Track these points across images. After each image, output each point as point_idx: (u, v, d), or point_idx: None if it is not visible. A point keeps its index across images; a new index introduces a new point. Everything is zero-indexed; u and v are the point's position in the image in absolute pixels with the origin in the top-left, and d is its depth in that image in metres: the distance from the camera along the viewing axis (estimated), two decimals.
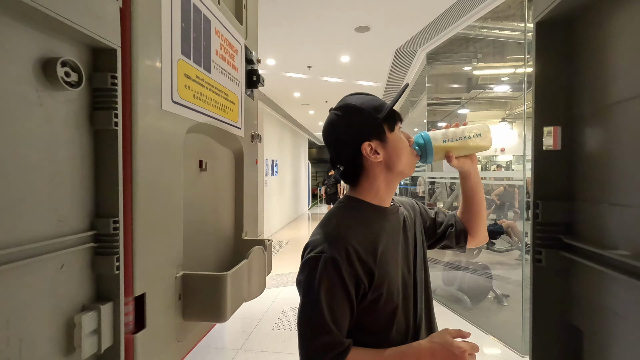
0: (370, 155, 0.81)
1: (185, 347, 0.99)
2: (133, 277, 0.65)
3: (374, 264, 0.76)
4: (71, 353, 0.45)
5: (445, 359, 0.72)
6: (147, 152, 0.76)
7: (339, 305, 0.73)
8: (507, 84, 5.00)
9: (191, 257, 1.08)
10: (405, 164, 0.86)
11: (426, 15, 3.53)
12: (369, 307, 0.76)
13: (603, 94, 0.69)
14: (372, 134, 0.81)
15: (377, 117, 0.81)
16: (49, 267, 0.44)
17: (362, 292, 0.74)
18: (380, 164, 0.83)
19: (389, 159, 0.83)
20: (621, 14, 0.64)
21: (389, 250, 0.81)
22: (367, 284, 0.75)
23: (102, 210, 0.53)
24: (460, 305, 3.68)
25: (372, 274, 0.75)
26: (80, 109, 0.51)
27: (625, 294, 0.62)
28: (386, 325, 0.78)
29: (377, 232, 0.81)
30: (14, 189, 0.37)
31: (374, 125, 0.82)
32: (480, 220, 1.00)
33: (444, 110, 6.18)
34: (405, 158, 0.85)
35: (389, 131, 0.83)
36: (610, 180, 0.67)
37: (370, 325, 0.77)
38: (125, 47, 0.59)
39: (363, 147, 0.80)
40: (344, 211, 0.83)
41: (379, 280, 0.76)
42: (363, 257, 0.74)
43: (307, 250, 0.75)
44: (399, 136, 0.85)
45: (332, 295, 0.71)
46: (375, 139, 0.81)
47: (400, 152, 0.84)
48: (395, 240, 0.84)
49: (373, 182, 0.84)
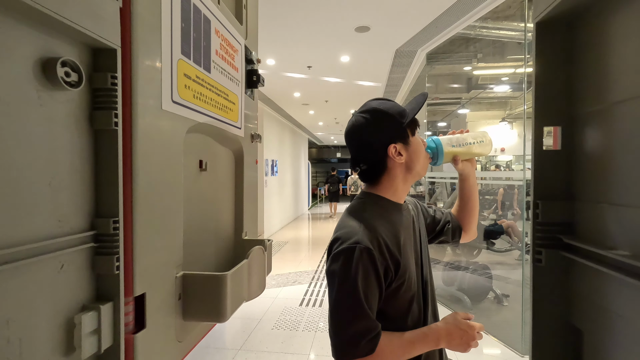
0: (395, 157, 0.88)
1: (185, 347, 0.99)
2: (133, 277, 0.65)
3: (399, 254, 0.82)
4: (71, 353, 0.45)
5: (459, 337, 0.83)
6: (147, 152, 0.76)
7: (373, 293, 0.78)
8: (507, 84, 5.00)
9: (191, 257, 1.08)
10: (422, 166, 0.94)
11: (426, 15, 3.53)
12: (392, 294, 0.83)
13: (603, 94, 0.69)
14: (398, 136, 0.88)
15: (402, 121, 0.89)
16: (49, 267, 0.44)
17: (389, 280, 0.81)
18: (402, 164, 0.90)
19: (410, 160, 0.90)
20: (621, 14, 0.64)
21: (408, 243, 0.88)
22: (394, 272, 0.81)
23: (102, 210, 0.53)
24: (460, 305, 3.68)
25: (398, 263, 0.82)
26: (80, 109, 0.51)
27: (625, 294, 0.62)
28: (404, 312, 0.86)
29: (397, 225, 0.88)
30: (14, 189, 0.37)
31: (400, 129, 0.89)
32: (474, 217, 1.12)
33: (444, 110, 6.18)
34: (423, 160, 0.94)
35: (411, 135, 0.91)
36: (610, 180, 0.67)
37: (391, 312, 0.84)
38: (125, 47, 0.59)
39: (390, 149, 0.87)
40: (368, 206, 0.89)
41: (403, 269, 0.83)
42: (391, 248, 0.81)
43: (338, 242, 0.80)
44: (418, 140, 0.94)
45: (367, 283, 0.77)
46: (400, 142, 0.88)
47: (420, 155, 0.93)
48: (409, 234, 0.92)
49: (393, 181, 0.91)
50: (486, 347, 2.97)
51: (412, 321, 0.87)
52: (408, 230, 0.91)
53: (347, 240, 0.78)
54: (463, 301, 3.68)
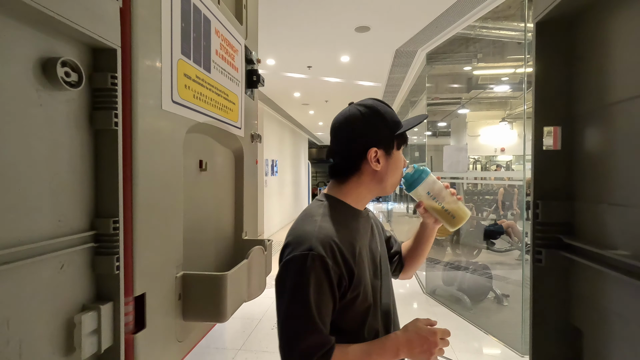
0: (372, 161, 0.83)
1: (185, 347, 0.99)
2: (133, 277, 0.65)
3: (354, 263, 0.77)
4: (71, 353, 0.45)
5: (420, 345, 0.77)
6: (147, 152, 0.76)
7: (326, 304, 0.73)
8: (507, 84, 5.00)
9: (191, 257, 1.08)
10: (392, 184, 0.88)
11: (426, 15, 3.53)
12: (347, 306, 0.77)
13: (603, 94, 0.69)
14: (382, 143, 0.84)
15: (393, 130, 0.85)
16: (49, 267, 0.44)
17: (343, 290, 0.75)
18: (374, 173, 0.85)
19: (384, 172, 0.85)
20: (621, 14, 0.64)
21: (363, 252, 0.83)
22: (349, 282, 0.76)
23: (102, 210, 0.53)
24: (460, 305, 3.68)
25: (353, 273, 0.76)
26: (80, 109, 0.50)
27: (625, 294, 0.62)
28: (359, 325, 0.80)
29: (354, 233, 0.83)
30: (14, 189, 0.37)
31: (388, 136, 0.85)
32: (418, 263, 1.07)
33: (444, 110, 6.18)
34: (396, 178, 0.89)
35: (396, 148, 0.86)
36: (610, 180, 0.67)
37: (345, 325, 0.78)
38: (125, 47, 0.59)
39: (370, 151, 0.82)
40: (324, 210, 0.83)
41: (358, 279, 0.77)
42: (346, 256, 0.76)
43: (289, 249, 0.75)
44: (400, 156, 0.89)
45: (320, 294, 0.72)
46: (382, 149, 0.84)
47: (396, 172, 0.88)
48: (366, 244, 0.86)
49: (359, 186, 0.86)
50: (486, 347, 2.97)
51: (369, 335, 0.81)
52: (365, 239, 0.86)
53: (299, 246, 0.73)
54: (463, 301, 3.68)
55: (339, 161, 0.87)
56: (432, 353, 0.77)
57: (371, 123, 0.84)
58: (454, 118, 6.03)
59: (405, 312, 3.49)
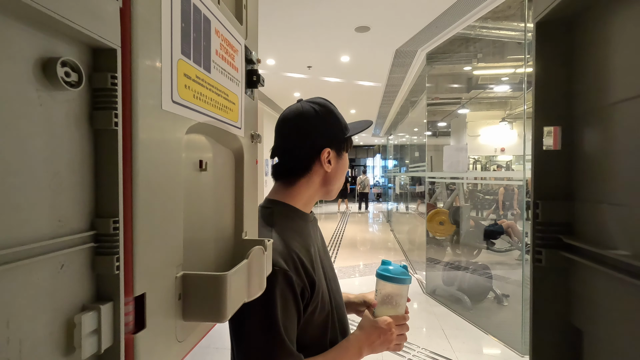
0: (324, 162, 0.80)
1: (185, 347, 0.99)
2: (133, 277, 0.65)
3: (314, 272, 0.74)
4: (71, 353, 0.45)
5: (378, 336, 0.76)
6: (147, 152, 0.76)
7: (292, 320, 0.70)
8: (507, 84, 5.00)
9: (191, 257, 1.08)
10: (338, 188, 0.86)
11: (426, 15, 3.53)
12: (308, 320, 0.74)
13: (603, 94, 0.69)
14: (336, 144, 0.82)
15: (344, 131, 0.83)
16: (49, 267, 0.44)
17: (306, 302, 0.73)
18: (325, 174, 0.82)
19: (333, 174, 0.83)
20: (621, 13, 0.64)
21: (318, 257, 0.80)
22: (310, 293, 0.73)
23: (102, 210, 0.53)
24: (460, 305, 3.68)
25: (314, 282, 0.74)
26: (80, 109, 0.51)
27: (625, 294, 0.62)
28: (321, 336, 0.77)
29: (308, 239, 0.79)
30: (14, 189, 0.37)
31: (342, 138, 0.82)
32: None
33: (444, 110, 6.19)
34: (341, 183, 0.87)
35: (345, 150, 0.85)
36: (610, 180, 0.67)
37: (307, 340, 0.75)
38: (125, 47, 0.59)
39: (324, 151, 0.79)
40: (280, 219, 0.79)
41: (317, 288, 0.74)
42: (306, 265, 0.73)
43: None
44: (347, 159, 0.87)
45: (286, 310, 0.69)
46: (335, 150, 0.81)
47: (343, 175, 0.86)
48: (318, 248, 0.84)
49: (308, 189, 0.82)
50: (486, 347, 2.97)
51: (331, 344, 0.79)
52: (316, 243, 0.83)
53: None
54: (463, 301, 3.68)
55: (288, 160, 0.82)
56: (391, 341, 0.77)
57: (326, 122, 0.81)
58: (454, 118, 6.03)
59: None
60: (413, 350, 2.96)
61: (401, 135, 9.64)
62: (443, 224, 4.75)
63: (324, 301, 0.77)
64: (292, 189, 0.82)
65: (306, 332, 0.74)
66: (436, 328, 3.29)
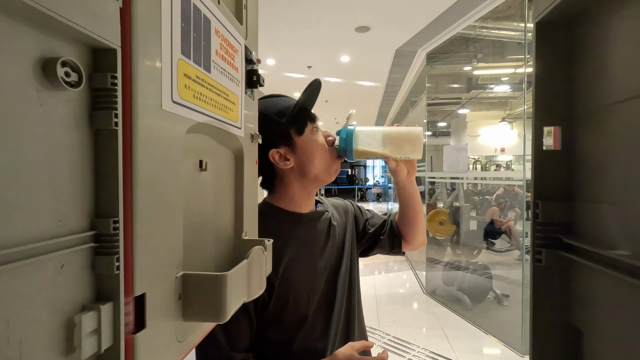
0: (280, 162, 0.77)
1: (185, 347, 0.99)
2: (133, 277, 0.65)
3: (274, 275, 0.72)
4: (71, 353, 0.45)
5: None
6: (147, 152, 0.76)
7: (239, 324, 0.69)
8: (507, 84, 5.01)
9: (191, 257, 1.08)
10: (319, 169, 0.80)
11: (426, 15, 3.53)
12: (274, 318, 0.73)
13: (603, 94, 0.69)
14: (279, 140, 0.77)
15: (280, 121, 0.77)
16: (49, 267, 0.44)
17: (263, 304, 0.71)
18: (292, 170, 0.79)
19: (300, 163, 0.78)
20: (622, 13, 0.64)
21: (301, 259, 0.77)
22: (267, 295, 0.72)
23: (102, 210, 0.53)
24: (460, 305, 3.68)
25: (272, 285, 0.72)
26: (80, 109, 0.50)
27: (625, 294, 0.62)
28: (291, 337, 0.76)
29: (286, 240, 0.77)
30: (14, 189, 0.37)
31: (279, 131, 0.77)
32: (417, 227, 0.94)
33: (444, 110, 6.19)
34: (319, 162, 0.80)
35: (296, 135, 0.78)
36: (610, 180, 0.67)
37: (274, 336, 0.74)
38: (125, 47, 0.59)
39: (270, 155, 0.77)
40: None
41: (281, 290, 0.73)
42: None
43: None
44: (310, 138, 0.80)
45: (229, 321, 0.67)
46: (282, 145, 0.77)
47: (313, 156, 0.79)
48: (312, 247, 0.81)
49: (288, 189, 0.81)
50: (486, 347, 2.97)
51: (301, 345, 0.76)
52: (309, 244, 0.80)
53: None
54: (463, 301, 3.68)
55: (261, 175, 0.80)
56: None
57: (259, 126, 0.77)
58: (454, 118, 6.03)
59: (405, 312, 3.49)
60: (413, 350, 2.96)
61: None
62: (443, 224, 4.75)
63: (297, 304, 0.75)
64: (275, 194, 0.83)
65: (274, 330, 0.74)
66: (436, 328, 3.29)
